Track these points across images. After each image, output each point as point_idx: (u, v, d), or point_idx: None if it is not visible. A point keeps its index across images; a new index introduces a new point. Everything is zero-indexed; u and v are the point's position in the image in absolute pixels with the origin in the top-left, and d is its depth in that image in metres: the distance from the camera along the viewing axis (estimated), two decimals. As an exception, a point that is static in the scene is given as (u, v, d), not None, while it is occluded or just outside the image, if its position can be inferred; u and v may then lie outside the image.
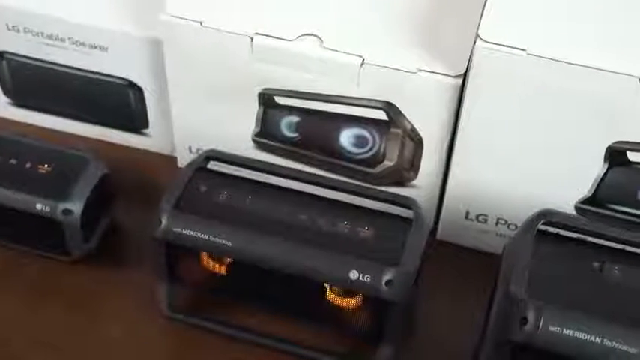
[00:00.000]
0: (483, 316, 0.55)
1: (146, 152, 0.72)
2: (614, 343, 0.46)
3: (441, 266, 0.62)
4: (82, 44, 0.66)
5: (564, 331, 0.46)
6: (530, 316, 0.47)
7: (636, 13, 0.55)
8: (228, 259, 0.57)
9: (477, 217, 0.63)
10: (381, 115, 0.60)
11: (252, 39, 0.59)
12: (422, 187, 0.64)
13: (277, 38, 0.58)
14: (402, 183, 0.64)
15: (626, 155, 0.56)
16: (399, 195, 0.58)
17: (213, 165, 0.60)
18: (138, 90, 0.67)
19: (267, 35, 0.59)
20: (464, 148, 0.59)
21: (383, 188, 0.62)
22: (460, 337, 0.59)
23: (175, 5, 0.60)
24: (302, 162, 0.65)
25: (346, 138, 0.63)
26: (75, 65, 0.67)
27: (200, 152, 0.62)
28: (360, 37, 0.59)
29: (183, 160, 0.68)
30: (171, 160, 0.71)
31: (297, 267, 0.53)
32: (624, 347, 0.46)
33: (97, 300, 0.62)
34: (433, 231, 0.66)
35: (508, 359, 0.49)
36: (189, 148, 0.68)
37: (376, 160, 0.63)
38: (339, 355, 0.58)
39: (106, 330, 0.60)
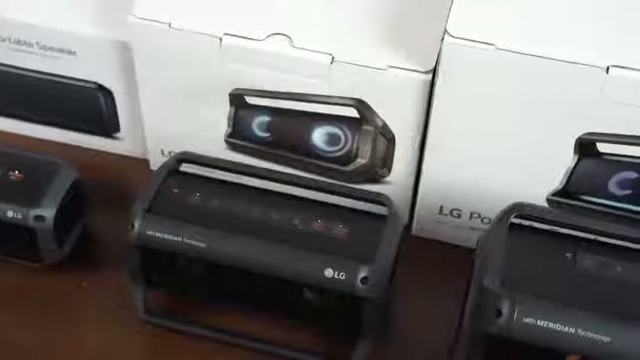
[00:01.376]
0: (459, 310, 0.55)
1: (118, 156, 0.72)
2: (587, 332, 0.46)
3: (416, 262, 0.63)
4: (51, 49, 0.65)
5: (538, 323, 0.47)
6: (505, 308, 0.47)
7: (601, 6, 0.55)
8: (203, 261, 0.57)
9: (451, 211, 0.64)
10: (353, 112, 0.60)
11: (221, 39, 0.59)
12: (395, 183, 0.64)
13: (246, 38, 0.58)
14: (375, 180, 0.64)
15: (595, 146, 0.56)
16: (372, 192, 0.58)
17: (185, 167, 0.60)
18: (108, 93, 0.67)
19: (236, 35, 0.58)
20: (436, 144, 0.60)
21: (356, 186, 0.62)
22: (437, 331, 0.59)
23: (143, 7, 0.60)
24: (275, 161, 0.65)
25: (318, 136, 0.63)
26: (44, 70, 0.67)
27: (172, 155, 0.61)
28: (329, 36, 0.59)
29: (156, 163, 0.67)
30: (144, 163, 0.70)
31: (271, 266, 0.53)
32: (598, 337, 0.46)
33: (72, 305, 0.61)
34: (408, 227, 0.66)
35: (483, 351, 0.49)
36: (162, 151, 0.68)
37: (349, 157, 0.63)
38: (317, 354, 0.58)
39: (82, 334, 0.60)
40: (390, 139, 0.61)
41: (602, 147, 0.56)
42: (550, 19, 0.54)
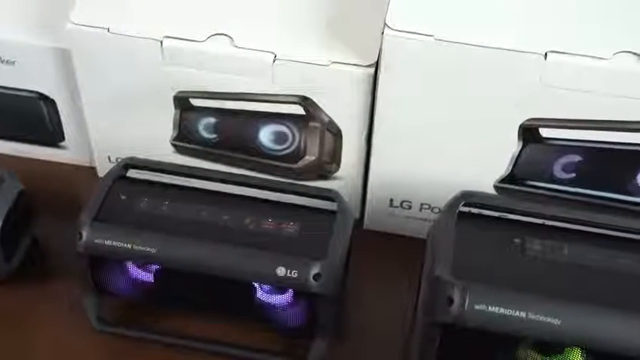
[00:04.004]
0: (413, 301, 0.56)
1: (65, 165, 0.71)
2: (538, 316, 0.47)
3: (370, 255, 0.63)
4: (-11, 59, 0.64)
5: (490, 309, 0.47)
6: (456, 296, 0.47)
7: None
8: (155, 267, 0.56)
9: (401, 203, 0.64)
10: (299, 109, 0.60)
11: (161, 42, 0.58)
12: (345, 178, 0.64)
13: (187, 40, 0.58)
14: (325, 176, 0.64)
15: (539, 132, 0.57)
16: (321, 188, 0.58)
17: (133, 173, 0.59)
18: (50, 102, 0.66)
19: (176, 38, 0.58)
20: (382, 137, 0.60)
21: (306, 183, 0.62)
22: (393, 322, 0.60)
23: (81, 14, 0.59)
24: (223, 162, 0.65)
25: (265, 135, 0.63)
26: (-17, 81, 0.66)
27: (119, 161, 0.61)
28: (270, 34, 0.59)
29: (103, 170, 0.67)
30: (92, 171, 0.70)
31: (223, 268, 0.53)
32: (548, 319, 0.47)
33: (25, 319, 0.60)
34: (360, 221, 0.67)
35: (438, 341, 0.49)
36: (109, 158, 0.67)
37: (297, 155, 0.63)
38: (274, 353, 0.58)
39: (35, 348, 0.59)
40: (337, 135, 0.61)
41: (545, 132, 0.57)
42: (487, 8, 0.55)
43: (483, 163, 0.59)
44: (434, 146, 0.59)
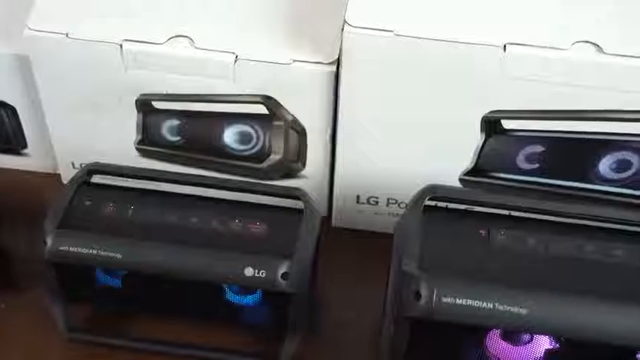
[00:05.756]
0: (383, 296, 0.56)
1: (28, 173, 0.70)
2: (505, 306, 0.47)
3: (339, 252, 0.63)
4: (-54, 68, 0.64)
5: (457, 301, 0.47)
6: (424, 290, 0.47)
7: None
8: (122, 272, 0.56)
9: (368, 199, 0.64)
10: (262, 109, 0.60)
11: (121, 46, 0.58)
12: (311, 176, 0.64)
13: (147, 42, 0.58)
14: (291, 175, 0.64)
15: (501, 124, 0.57)
16: (287, 187, 0.58)
17: (97, 178, 0.59)
18: (10, 109, 0.65)
19: (136, 41, 0.58)
20: (346, 133, 0.60)
21: (272, 182, 0.62)
22: (364, 318, 0.60)
23: (38, 19, 0.59)
24: (188, 165, 0.65)
25: (230, 136, 0.63)
26: (-59, 91, 0.65)
27: (82, 166, 0.60)
28: (231, 34, 0.59)
29: (68, 176, 0.66)
30: (56, 178, 0.69)
31: (191, 271, 0.52)
32: (515, 309, 0.47)
33: (-8, 330, 0.60)
34: (328, 218, 0.67)
35: (408, 334, 0.49)
36: (73, 164, 0.67)
37: (262, 154, 0.63)
38: (247, 354, 0.58)
39: (4, 357, 0.58)
40: (302, 133, 0.61)
41: (507, 124, 0.57)
42: (446, 3, 0.55)
43: (448, 156, 0.60)
44: (398, 141, 0.60)
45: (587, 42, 0.53)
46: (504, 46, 0.53)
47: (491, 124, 0.57)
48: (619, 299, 0.47)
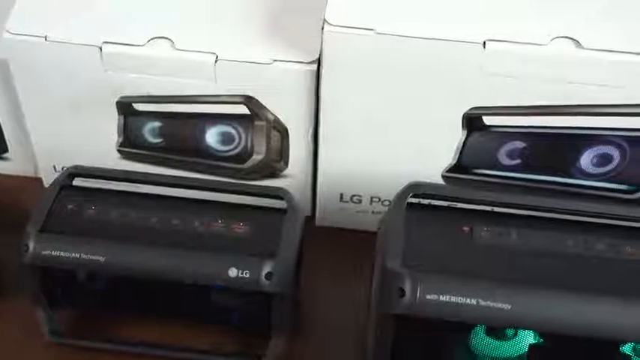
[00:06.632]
0: (367, 294, 0.56)
1: (9, 177, 0.70)
2: (488, 302, 0.47)
3: (323, 251, 0.63)
4: None
5: (441, 298, 0.47)
6: (407, 287, 0.48)
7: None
8: (105, 275, 0.56)
9: (351, 198, 0.64)
10: (243, 109, 0.60)
11: (101, 48, 0.57)
12: (294, 176, 0.64)
13: (126, 44, 0.57)
14: (274, 175, 0.64)
15: (482, 120, 0.57)
16: (269, 187, 0.58)
17: (79, 181, 0.58)
18: (-10, 114, 0.65)
19: (115, 43, 0.57)
20: (329, 132, 0.60)
21: (256, 182, 0.62)
22: (349, 316, 0.60)
23: (17, 23, 0.58)
24: (171, 166, 0.64)
25: (212, 137, 0.63)
26: None
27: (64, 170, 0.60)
28: (211, 35, 0.58)
29: (50, 180, 0.65)
30: (38, 182, 0.69)
31: (174, 273, 0.52)
32: (498, 305, 0.47)
33: (-25, 336, 0.59)
34: (312, 218, 0.67)
35: (392, 332, 0.50)
36: (54, 167, 0.66)
37: (245, 155, 0.63)
38: (233, 355, 0.58)
39: (-12, 365, 0.58)
40: (284, 132, 0.61)
41: (488, 120, 0.57)
42: (426, 0, 0.55)
43: (430, 153, 0.60)
44: (380, 139, 0.60)
45: (565, 37, 0.53)
46: (484, 42, 0.53)
47: (472, 121, 0.57)
48: (601, 293, 0.48)
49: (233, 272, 0.52)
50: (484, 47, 0.53)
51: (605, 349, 0.51)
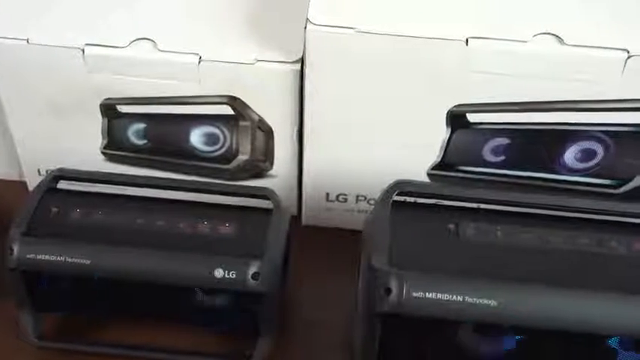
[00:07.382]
0: (355, 293, 0.56)
1: (-6, 181, 0.69)
2: (475, 299, 0.47)
3: (310, 251, 0.63)
4: None
5: (427, 296, 0.47)
6: (393, 285, 0.48)
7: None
8: (91, 277, 0.55)
9: (337, 197, 0.64)
10: (228, 110, 0.60)
11: (83, 50, 0.57)
12: (280, 175, 0.64)
13: (109, 46, 0.57)
14: (259, 175, 0.64)
15: (466, 117, 0.58)
16: (255, 187, 0.58)
17: (64, 184, 0.58)
18: (-27, 117, 0.65)
19: (98, 45, 0.57)
20: (313, 132, 0.60)
21: (242, 183, 0.61)
22: (337, 315, 0.60)
23: (-3, 26, 0.58)
24: (156, 168, 0.64)
25: (196, 137, 0.62)
26: None
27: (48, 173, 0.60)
28: (194, 36, 0.58)
29: (34, 183, 0.65)
30: (23, 185, 0.68)
31: (161, 274, 0.52)
32: (484, 301, 0.47)
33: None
34: (298, 217, 0.67)
35: (379, 330, 0.49)
36: (39, 171, 0.66)
37: (230, 155, 0.63)
38: (221, 356, 0.57)
39: (-26, 371, 0.58)
40: (269, 132, 0.61)
41: (472, 117, 0.58)
42: (407, -2, 0.55)
43: (415, 151, 0.60)
44: (365, 138, 0.60)
45: (547, 34, 0.53)
46: (467, 40, 0.53)
47: (456, 118, 0.57)
48: (588, 288, 0.48)
49: (219, 273, 0.52)
50: (467, 44, 0.53)
51: (592, 344, 0.52)
